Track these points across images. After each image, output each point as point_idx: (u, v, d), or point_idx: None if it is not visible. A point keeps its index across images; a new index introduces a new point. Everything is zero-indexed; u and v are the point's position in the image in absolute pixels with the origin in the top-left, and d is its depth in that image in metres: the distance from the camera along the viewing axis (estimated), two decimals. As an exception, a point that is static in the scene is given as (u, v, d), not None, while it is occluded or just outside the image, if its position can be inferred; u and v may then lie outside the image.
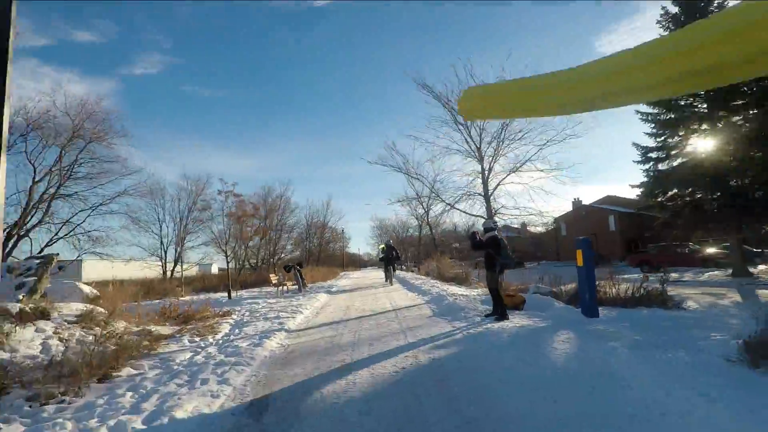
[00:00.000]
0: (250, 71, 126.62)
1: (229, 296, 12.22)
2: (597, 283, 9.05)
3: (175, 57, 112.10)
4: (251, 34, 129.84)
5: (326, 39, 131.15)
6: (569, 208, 42.05)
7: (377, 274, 35.51)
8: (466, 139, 12.78)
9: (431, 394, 3.57)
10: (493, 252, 7.24)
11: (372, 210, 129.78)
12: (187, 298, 14.75)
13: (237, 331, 7.11)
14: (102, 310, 7.54)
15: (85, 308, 7.37)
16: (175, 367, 4.86)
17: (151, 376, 4.52)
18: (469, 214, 13.11)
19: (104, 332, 6.24)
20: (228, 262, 13.57)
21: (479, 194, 13.01)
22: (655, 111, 17.41)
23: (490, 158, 12.75)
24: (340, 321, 7.93)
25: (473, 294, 11.94)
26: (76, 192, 17.80)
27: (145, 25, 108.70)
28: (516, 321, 6.78)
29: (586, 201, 42.75)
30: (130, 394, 3.89)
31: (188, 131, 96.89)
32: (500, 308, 7.13)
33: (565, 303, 8.96)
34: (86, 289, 9.27)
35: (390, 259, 17.61)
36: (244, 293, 15.97)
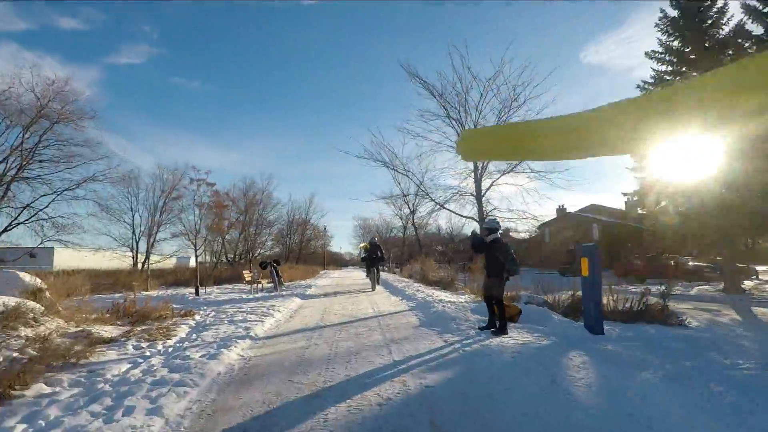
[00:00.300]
0: (237, 66, 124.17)
1: (197, 293, 11.13)
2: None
3: (162, 48, 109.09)
4: (241, 29, 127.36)
5: (315, 37, 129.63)
6: (554, 214, 41.81)
7: (358, 274, 34.46)
8: (459, 135, 11.92)
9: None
10: (501, 256, 6.40)
11: (355, 209, 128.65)
12: (153, 292, 13.54)
13: (194, 336, 6.08)
14: (36, 305, 6.41)
15: (16, 303, 6.23)
16: (102, 384, 3.83)
17: (65, 397, 3.50)
18: (460, 215, 12.32)
19: (28, 334, 5.16)
20: (197, 257, 12.42)
21: (471, 194, 12.20)
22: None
23: None
24: (316, 328, 6.96)
25: (461, 301, 11.11)
26: (39, 175, 16.34)
27: (133, 15, 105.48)
28: (516, 336, 5.94)
29: (570, 209, 42.59)
30: (21, 428, 2.88)
31: (174, 124, 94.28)
32: (501, 321, 6.28)
33: (561, 315, 8.23)
34: (27, 278, 8.07)
35: (374, 260, 14.86)
36: (215, 290, 14.84)
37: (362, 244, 16.74)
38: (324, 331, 6.56)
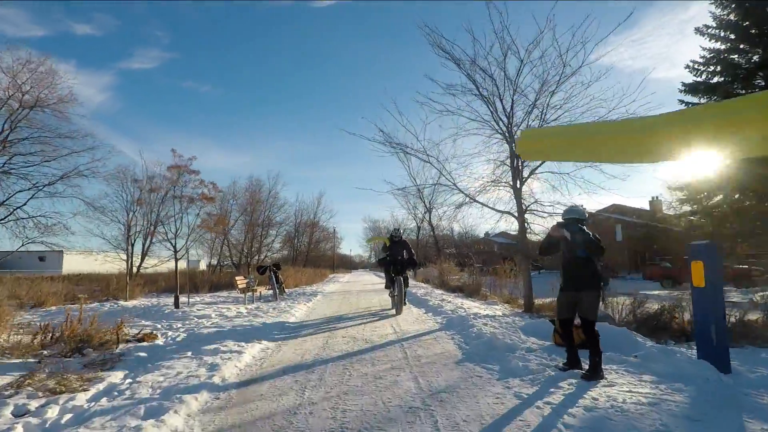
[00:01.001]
0: (247, 70, 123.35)
1: (176, 305, 9.07)
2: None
3: (173, 53, 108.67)
4: (251, 32, 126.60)
5: (327, 39, 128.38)
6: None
7: (369, 278, 32.10)
8: (493, 114, 9.69)
9: None
10: (595, 257, 4.21)
11: (365, 210, 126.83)
12: (131, 302, 11.51)
13: (128, 384, 3.92)
14: None
15: None
16: None
17: None
18: (494, 209, 10.01)
19: None
20: (177, 259, 10.29)
21: (506, 184, 9.94)
22: (705, 101, 14.57)
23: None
24: (314, 364, 4.75)
25: (499, 314, 8.86)
26: (9, 168, 14.37)
27: (145, 20, 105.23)
28: (619, 382, 3.77)
29: (590, 209, 39.88)
30: None
31: (186, 127, 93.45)
32: (595, 358, 4.07)
33: (623, 327, 6.10)
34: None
35: (399, 264, 9.20)
36: (206, 298, 12.75)
37: (374, 237, 14.44)
38: (326, 372, 4.37)
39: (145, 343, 5.76)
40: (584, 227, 4.30)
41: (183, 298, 10.34)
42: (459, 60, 9.36)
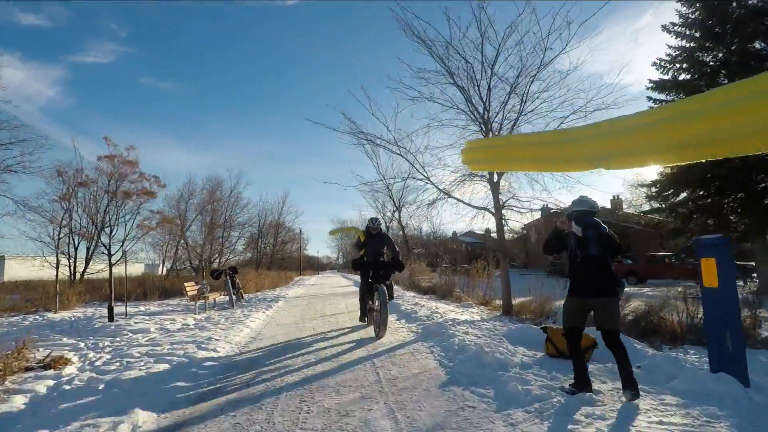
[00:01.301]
0: (209, 67, 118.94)
1: (110, 317, 7.74)
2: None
3: (131, 47, 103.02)
4: (213, 27, 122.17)
5: (293, 36, 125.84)
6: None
7: (337, 280, 30.88)
8: (468, 102, 8.95)
9: None
10: (611, 257, 3.47)
11: (332, 210, 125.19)
12: (68, 313, 9.98)
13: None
14: None
15: None
16: None
17: None
18: (470, 206, 9.28)
19: None
20: (111, 264, 8.82)
21: (482, 178, 9.24)
22: (671, 98, 14.57)
23: (501, 127, 9.03)
24: (263, 397, 3.76)
25: (476, 316, 8.13)
26: None
27: (99, 13, 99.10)
28: (640, 406, 3.02)
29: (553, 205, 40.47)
30: None
31: (145, 125, 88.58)
32: (626, 375, 3.31)
33: (639, 339, 5.50)
34: None
35: (382, 267, 6.94)
36: (153, 306, 11.35)
37: (341, 229, 11.46)
38: (276, 407, 3.39)
39: (50, 371, 4.55)
40: (598, 221, 3.55)
41: (121, 308, 8.97)
42: (432, 42, 8.54)
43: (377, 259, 7.00)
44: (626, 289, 13.35)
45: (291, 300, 13.61)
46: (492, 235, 28.94)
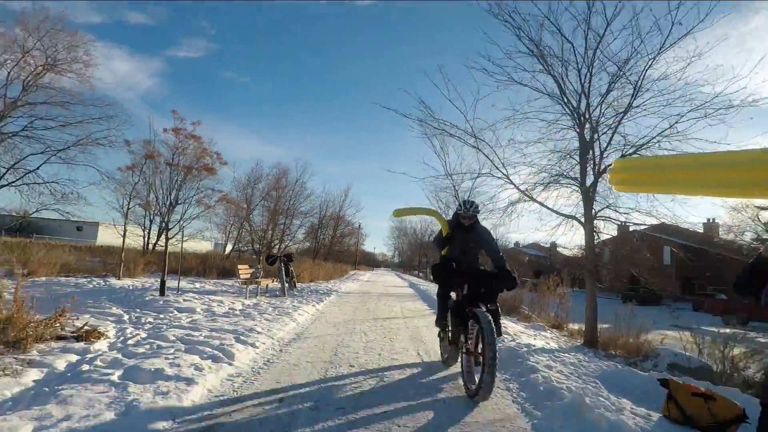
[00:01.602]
0: (287, 62, 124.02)
1: (161, 291, 7.54)
2: None
3: (218, 43, 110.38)
4: (293, 27, 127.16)
5: (369, 37, 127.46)
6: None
7: (391, 279, 30.11)
8: (562, 91, 7.65)
9: None
10: None
11: (392, 207, 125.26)
12: (129, 281, 10.14)
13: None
14: None
15: None
16: None
17: None
18: (556, 213, 7.99)
19: None
20: (167, 238, 8.67)
21: (572, 180, 7.92)
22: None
23: (599, 122, 7.64)
24: (299, 414, 2.99)
25: (552, 343, 6.88)
26: (30, 135, 13.32)
27: (194, 11, 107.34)
28: None
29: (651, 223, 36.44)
30: None
31: (226, 116, 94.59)
32: None
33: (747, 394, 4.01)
34: None
35: (484, 280, 4.18)
36: (208, 284, 11.26)
37: (410, 210, 5.97)
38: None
39: (80, 344, 4.15)
40: None
41: (175, 283, 8.84)
42: (525, 19, 7.35)
43: (473, 266, 4.46)
44: (728, 330, 11.21)
45: (343, 295, 13.02)
46: (560, 249, 26.51)
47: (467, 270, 4.31)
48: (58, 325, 4.38)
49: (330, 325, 7.04)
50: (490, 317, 3.61)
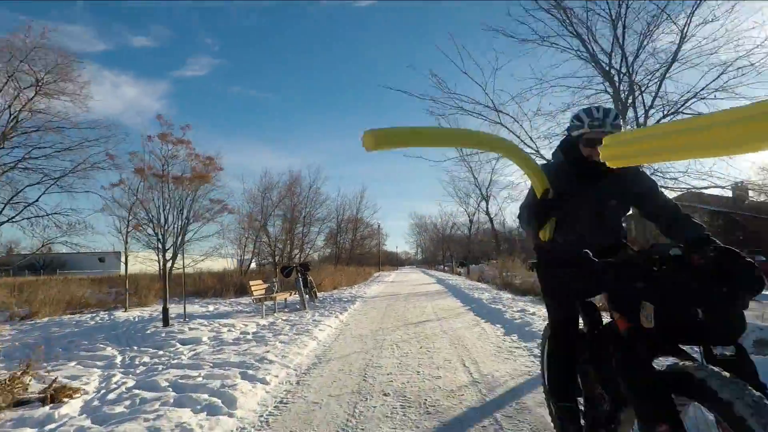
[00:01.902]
0: (293, 73, 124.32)
1: (165, 321, 6.69)
2: None
3: (222, 59, 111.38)
4: (296, 36, 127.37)
5: (370, 39, 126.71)
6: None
7: (416, 277, 28.98)
8: (591, 50, 6.57)
9: None
10: None
11: (411, 206, 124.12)
12: (136, 312, 9.39)
13: None
14: None
15: None
16: None
17: None
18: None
19: None
20: (165, 260, 7.69)
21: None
22: None
23: (634, 80, 6.53)
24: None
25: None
26: (27, 167, 12.73)
27: (196, 29, 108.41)
28: None
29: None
30: None
31: (236, 131, 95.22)
32: None
33: None
34: None
35: (694, 286, 1.39)
36: (222, 306, 10.44)
37: (469, 133, 2.15)
38: None
39: (45, 409, 3.28)
40: None
41: (182, 308, 8.01)
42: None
43: (630, 256, 1.83)
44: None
45: (369, 301, 12.06)
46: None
47: (642, 260, 1.59)
48: (20, 385, 3.54)
49: (356, 339, 6.08)
50: (747, 388, 1.16)
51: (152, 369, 4.47)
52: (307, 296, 10.40)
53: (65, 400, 3.51)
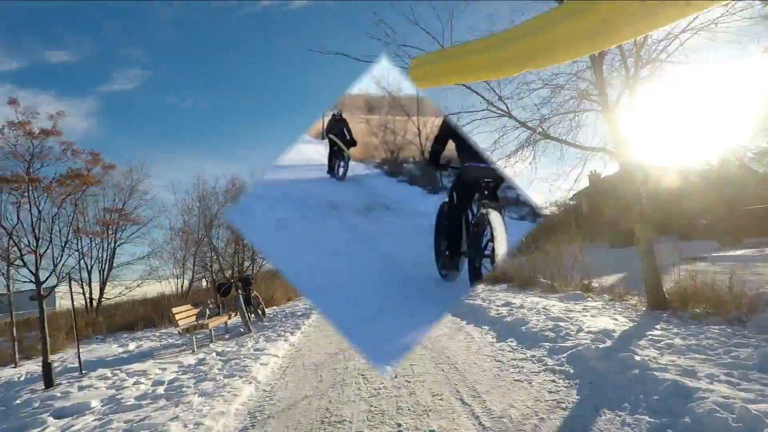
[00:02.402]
0: (231, 78, 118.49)
1: (46, 381, 4.65)
2: None
3: (152, 70, 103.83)
4: (229, 39, 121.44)
5: (307, 40, 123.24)
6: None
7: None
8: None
9: None
10: None
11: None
12: (34, 366, 7.20)
13: None
14: None
15: None
16: None
17: None
18: (580, 147, 5.83)
19: None
20: (40, 294, 5.44)
21: (593, 101, 5.84)
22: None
23: None
24: None
25: (622, 322, 4.73)
26: None
27: (121, 40, 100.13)
28: None
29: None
30: None
31: (177, 142, 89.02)
32: None
33: None
34: None
35: None
36: (148, 342, 8.42)
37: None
38: None
39: None
40: None
41: (107, 350, 6.06)
42: None
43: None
44: None
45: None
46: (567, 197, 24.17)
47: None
48: None
49: (309, 372, 4.57)
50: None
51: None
52: (252, 315, 8.69)
53: None
